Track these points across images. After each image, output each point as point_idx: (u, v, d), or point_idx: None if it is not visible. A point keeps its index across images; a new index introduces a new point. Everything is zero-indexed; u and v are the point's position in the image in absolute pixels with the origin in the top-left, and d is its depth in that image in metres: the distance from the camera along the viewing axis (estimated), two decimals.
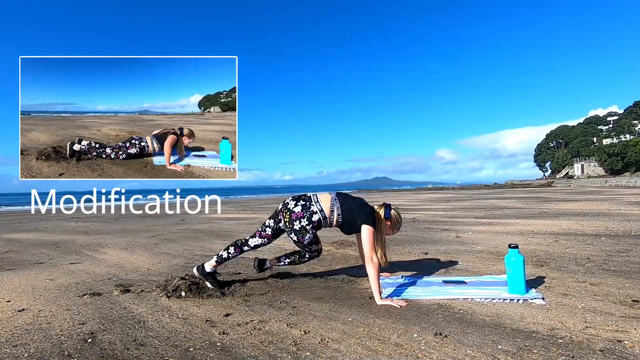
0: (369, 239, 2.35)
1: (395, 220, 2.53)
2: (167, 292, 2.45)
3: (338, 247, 4.20)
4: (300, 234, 2.49)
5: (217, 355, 1.57)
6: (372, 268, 2.25)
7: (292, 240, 2.55)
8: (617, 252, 3.45)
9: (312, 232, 2.52)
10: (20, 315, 2.14)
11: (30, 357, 1.59)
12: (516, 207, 9.78)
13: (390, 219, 2.49)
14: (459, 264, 3.22)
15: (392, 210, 2.51)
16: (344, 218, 2.50)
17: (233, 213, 10.95)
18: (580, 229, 5.09)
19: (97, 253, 4.32)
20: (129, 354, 1.60)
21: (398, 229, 2.58)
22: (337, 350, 1.58)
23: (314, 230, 2.53)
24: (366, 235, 2.36)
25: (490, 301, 2.16)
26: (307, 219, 2.48)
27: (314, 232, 2.54)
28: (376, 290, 2.22)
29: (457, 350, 1.54)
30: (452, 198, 17.20)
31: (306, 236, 2.51)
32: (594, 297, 2.17)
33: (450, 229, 5.72)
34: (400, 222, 2.57)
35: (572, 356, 1.45)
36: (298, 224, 2.48)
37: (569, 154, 56.41)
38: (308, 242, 2.55)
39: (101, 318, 2.06)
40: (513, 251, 2.25)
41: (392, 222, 2.51)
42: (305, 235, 2.50)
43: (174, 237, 5.55)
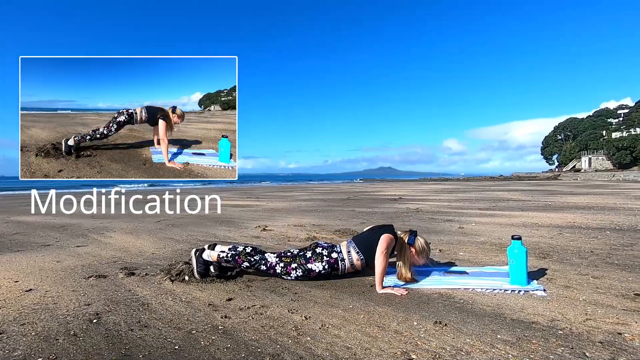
0: (385, 242, 2.30)
1: (422, 248, 2.42)
2: (170, 276, 2.48)
3: (341, 236, 4.22)
4: (315, 257, 2.42)
5: (218, 338, 1.60)
6: (381, 261, 2.25)
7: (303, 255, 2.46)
8: (621, 246, 3.43)
9: (325, 265, 2.39)
10: (28, 295, 2.19)
11: (37, 335, 1.63)
12: (521, 200, 9.72)
13: (415, 246, 2.41)
14: (461, 254, 3.22)
15: (418, 237, 2.43)
16: (363, 252, 2.40)
17: (237, 200, 11.02)
18: (585, 223, 5.05)
19: (102, 237, 4.38)
20: (133, 335, 1.63)
21: (425, 259, 2.47)
22: (337, 336, 1.60)
23: (327, 267, 2.40)
24: (384, 240, 2.31)
25: (491, 291, 2.17)
26: (328, 253, 2.44)
27: (326, 269, 2.40)
28: (380, 279, 2.23)
29: (456, 339, 1.55)
30: (456, 189, 17.13)
31: (317, 263, 2.39)
32: (596, 290, 2.17)
33: (453, 219, 5.71)
34: (428, 251, 2.46)
35: (571, 347, 1.46)
36: (319, 249, 2.45)
37: (576, 147, 55.68)
38: (306, 269, 2.40)
39: (106, 300, 2.10)
40: (516, 242, 2.25)
41: (417, 249, 2.41)
42: (317, 261, 2.40)
43: (179, 222, 5.61)
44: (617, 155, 46.31)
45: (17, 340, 1.58)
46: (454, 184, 27.79)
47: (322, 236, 4.19)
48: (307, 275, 2.42)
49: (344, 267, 2.43)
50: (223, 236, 4.37)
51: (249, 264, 2.45)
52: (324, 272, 2.41)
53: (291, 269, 2.41)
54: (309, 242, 3.87)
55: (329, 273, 2.43)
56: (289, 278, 2.44)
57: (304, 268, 2.41)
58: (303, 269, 2.41)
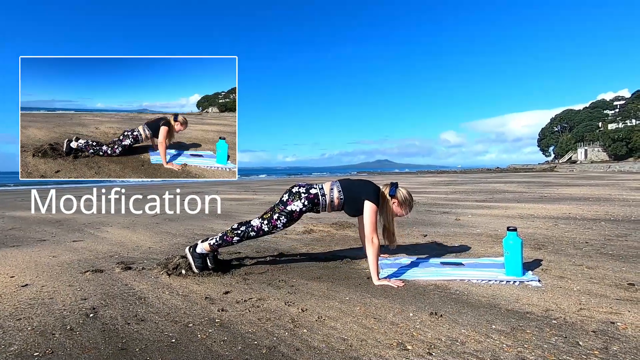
0: (371, 218, 2.30)
1: (404, 197, 2.42)
2: (167, 270, 2.48)
3: (337, 229, 4.23)
4: (292, 197, 2.44)
5: (215, 331, 1.60)
6: (372, 249, 2.24)
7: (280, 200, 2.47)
8: (615, 237, 3.46)
9: (304, 202, 2.42)
10: (24, 291, 2.18)
11: (34, 330, 1.63)
12: (517, 191, 9.77)
13: (396, 197, 2.40)
14: (457, 246, 3.24)
15: (400, 188, 2.43)
16: (345, 194, 2.44)
17: (234, 194, 11.00)
18: (580, 214, 5.09)
19: (99, 231, 4.37)
20: (129, 329, 1.63)
21: (409, 209, 2.47)
22: (334, 328, 1.61)
23: (307, 202, 2.42)
24: (368, 213, 2.31)
25: (486, 282, 2.19)
26: (305, 189, 2.47)
27: (306, 205, 2.43)
28: (374, 271, 2.24)
29: (451, 330, 1.56)
30: (453, 182, 17.19)
31: (295, 202, 2.43)
32: (590, 280, 2.19)
33: (450, 211, 5.74)
34: (411, 200, 2.46)
35: (565, 336, 1.47)
36: (296, 189, 2.48)
37: (573, 139, 55.91)
38: (287, 212, 2.42)
39: (103, 294, 2.10)
40: (511, 234, 2.26)
41: (399, 200, 2.41)
42: (295, 200, 2.42)
43: (175, 216, 5.59)
44: (612, 147, 46.56)
45: (13, 336, 1.58)
46: (451, 176, 27.88)
47: (319, 229, 4.20)
48: (290, 218, 2.43)
49: (325, 202, 2.45)
50: (220, 230, 4.36)
51: (239, 237, 2.46)
52: (305, 209, 2.44)
53: (275, 220, 2.43)
54: (306, 235, 3.88)
55: (310, 209, 2.45)
56: (279, 229, 2.45)
57: (286, 212, 2.43)
58: (285, 214, 2.43)
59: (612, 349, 1.37)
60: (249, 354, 1.39)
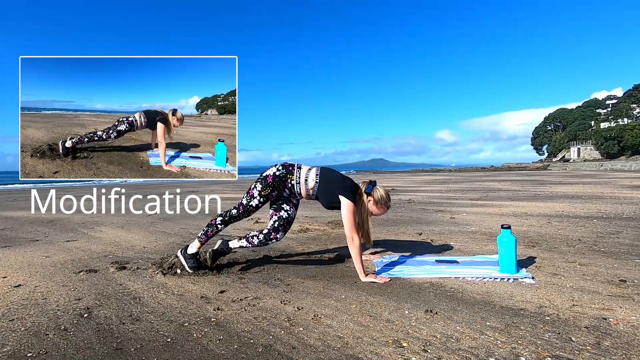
0: (348, 217, 2.27)
1: (379, 196, 2.36)
2: (162, 269, 2.47)
3: (333, 227, 4.23)
4: (269, 167, 2.49)
5: (211, 330, 1.60)
6: (353, 249, 2.24)
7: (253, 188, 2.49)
8: (607, 234, 3.50)
9: (279, 167, 2.44)
10: (17, 291, 2.16)
11: (27, 331, 1.62)
12: (511, 190, 9.84)
13: (372, 195, 2.35)
14: (452, 244, 3.26)
15: (377, 187, 2.39)
16: (319, 187, 2.40)
17: (229, 193, 10.96)
18: (573, 211, 5.14)
19: (93, 231, 4.33)
20: (124, 329, 1.62)
21: (385, 207, 2.40)
22: (330, 326, 1.61)
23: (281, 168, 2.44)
24: (345, 212, 2.29)
25: (481, 280, 2.20)
26: (283, 163, 2.49)
27: (280, 170, 2.44)
28: (360, 269, 2.25)
29: (446, 327, 1.57)
30: (448, 180, 17.27)
31: (271, 168, 2.46)
32: (583, 277, 2.22)
33: (445, 210, 5.77)
34: (387, 200, 2.40)
35: (558, 332, 1.49)
36: (265, 172, 2.49)
37: (566, 137, 56.44)
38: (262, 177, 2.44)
39: (97, 294, 2.09)
40: (505, 232, 2.28)
41: (375, 198, 2.35)
42: (271, 168, 2.47)
43: (170, 216, 5.56)
44: (605, 145, 47.06)
45: (6, 336, 1.56)
46: (445, 175, 28.02)
47: (314, 227, 4.21)
48: (265, 184, 2.43)
49: (299, 175, 2.44)
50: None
51: (221, 218, 2.51)
52: (278, 174, 2.44)
53: (252, 189, 2.46)
54: (302, 234, 3.88)
55: (284, 175, 2.44)
56: (255, 201, 2.44)
57: (261, 179, 2.46)
58: (260, 180, 2.46)
59: (604, 344, 1.39)
60: (245, 353, 1.39)
